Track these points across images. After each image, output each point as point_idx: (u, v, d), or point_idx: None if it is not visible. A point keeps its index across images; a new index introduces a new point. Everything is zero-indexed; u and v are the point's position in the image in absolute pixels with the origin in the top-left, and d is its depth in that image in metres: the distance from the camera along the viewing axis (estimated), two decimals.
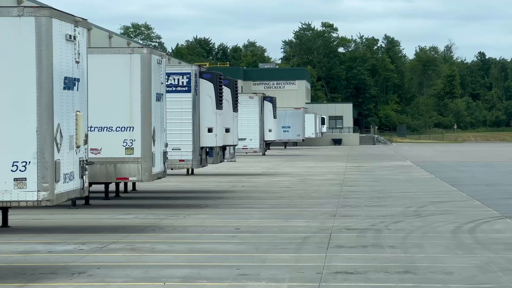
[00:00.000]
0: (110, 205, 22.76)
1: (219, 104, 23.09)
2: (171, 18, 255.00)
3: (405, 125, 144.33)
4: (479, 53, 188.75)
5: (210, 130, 22.82)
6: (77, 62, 13.14)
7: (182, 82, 22.51)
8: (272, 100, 39.61)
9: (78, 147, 13.17)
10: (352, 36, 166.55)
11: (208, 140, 22.81)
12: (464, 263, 13.21)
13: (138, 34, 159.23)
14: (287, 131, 75.18)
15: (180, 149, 22.60)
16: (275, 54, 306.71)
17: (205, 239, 16.19)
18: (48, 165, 12.07)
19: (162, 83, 19.35)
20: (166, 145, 19.92)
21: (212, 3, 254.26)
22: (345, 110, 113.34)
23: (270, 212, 21.19)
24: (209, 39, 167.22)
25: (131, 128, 19.03)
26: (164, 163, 20.07)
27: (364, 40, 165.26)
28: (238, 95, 40.69)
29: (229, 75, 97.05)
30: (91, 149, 18.19)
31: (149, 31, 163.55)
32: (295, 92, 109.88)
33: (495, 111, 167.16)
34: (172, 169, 22.97)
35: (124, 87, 18.89)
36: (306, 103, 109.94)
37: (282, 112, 74.66)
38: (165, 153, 20.01)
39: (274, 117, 39.49)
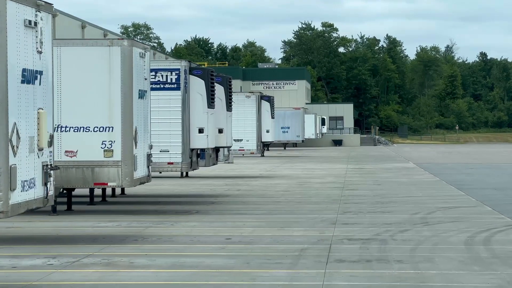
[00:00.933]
0: (94, 211, 21.17)
1: (210, 102, 21.44)
2: (171, 18, 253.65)
3: (406, 126, 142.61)
4: (481, 53, 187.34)
5: (201, 131, 21.16)
6: (39, 52, 11.48)
7: (171, 79, 20.90)
8: (269, 99, 37.92)
9: (40, 150, 11.48)
10: (352, 36, 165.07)
11: (199, 141, 21.15)
12: (483, 282, 11.60)
13: (138, 34, 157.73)
14: (286, 132, 73.47)
15: (168, 151, 20.94)
16: (275, 54, 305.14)
17: (191, 251, 14.59)
18: (1, 171, 10.39)
19: (145, 79, 17.70)
20: (151, 147, 18.24)
21: (212, 4, 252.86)
22: (346, 111, 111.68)
23: (265, 219, 19.58)
24: (208, 39, 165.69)
25: (111, 128, 17.32)
26: (148, 166, 18.41)
27: (365, 40, 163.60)
28: (234, 94, 39.20)
29: (228, 75, 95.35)
30: (65, 151, 16.66)
31: (148, 31, 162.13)
32: (295, 93, 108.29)
33: (497, 112, 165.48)
34: (160, 172, 21.38)
35: (103, 83, 17.21)
36: (306, 103, 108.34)
37: (281, 112, 73.05)
38: (149, 155, 18.32)
39: (272, 117, 37.77)
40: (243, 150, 37.72)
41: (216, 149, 25.33)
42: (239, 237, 16.26)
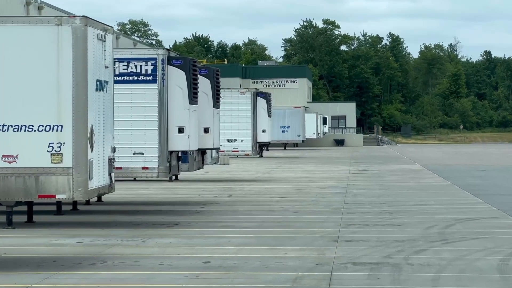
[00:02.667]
0: (59, 223, 18.29)
1: (193, 97, 18.47)
2: (173, 18, 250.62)
3: (410, 125, 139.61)
4: (485, 51, 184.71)
5: (181, 130, 18.19)
6: None
7: (146, 70, 17.99)
8: (266, 96, 34.84)
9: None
10: (355, 34, 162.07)
11: (178, 143, 18.19)
12: None
13: (135, 31, 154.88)
14: (286, 131, 70.36)
15: (143, 154, 17.98)
16: (277, 54, 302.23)
17: (157, 281, 11.70)
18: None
19: (106, 67, 14.74)
20: (113, 150, 15.21)
21: (215, 3, 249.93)
22: (348, 110, 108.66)
23: (254, 234, 16.68)
24: (208, 37, 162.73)
25: (59, 127, 14.21)
26: (110, 174, 15.38)
27: (367, 38, 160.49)
28: (227, 90, 36.30)
29: (227, 73, 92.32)
30: (3, 156, 13.72)
31: (146, 28, 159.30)
32: (295, 91, 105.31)
33: (501, 111, 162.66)
34: (135, 178, 18.48)
35: (50, 71, 14.16)
36: (308, 102, 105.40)
37: (281, 111, 70.06)
38: (110, 160, 15.25)
39: (269, 116, 34.65)
40: (237, 151, 34.74)
41: (202, 152, 22.40)
42: (220, 260, 13.36)
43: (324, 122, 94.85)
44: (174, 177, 33.39)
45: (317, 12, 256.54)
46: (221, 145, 27.69)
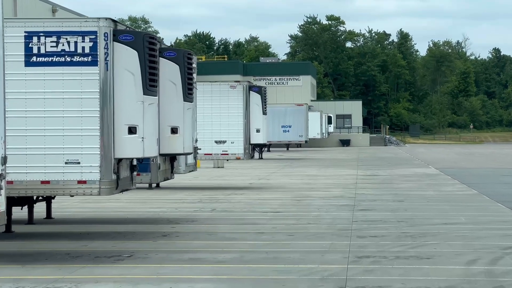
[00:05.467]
0: None
1: (150, 86, 13.59)
2: (180, 17, 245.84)
3: (418, 125, 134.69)
4: (494, 49, 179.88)
5: (132, 130, 13.32)
6: None
7: (83, 48, 13.18)
8: (260, 90, 29.95)
9: None
10: (360, 30, 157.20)
11: (129, 147, 13.31)
12: None
13: (135, 29, 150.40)
14: (288, 131, 65.34)
15: (79, 163, 13.17)
16: (282, 53, 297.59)
17: None
18: None
19: None
20: (3, 160, 10.38)
21: (222, 2, 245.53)
22: (354, 108, 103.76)
23: (228, 276, 12.01)
24: (209, 33, 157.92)
25: None
26: None
27: (373, 34, 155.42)
28: (215, 83, 31.56)
29: (227, 70, 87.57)
30: None
31: (146, 25, 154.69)
32: (299, 89, 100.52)
33: None
34: (72, 196, 13.82)
35: None
36: (312, 100, 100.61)
37: (282, 109, 65.19)
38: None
39: (264, 113, 29.71)
40: (227, 154, 29.96)
41: (171, 158, 17.66)
42: None
43: (329, 122, 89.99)
44: (154, 184, 28.76)
45: (324, 11, 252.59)
46: (200, 148, 23.01)
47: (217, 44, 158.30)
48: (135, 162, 14.62)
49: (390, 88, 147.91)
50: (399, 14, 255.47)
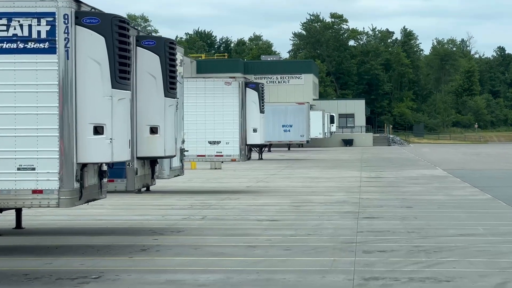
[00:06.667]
0: None
1: (119, 78, 11.55)
2: (183, 16, 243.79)
3: (422, 124, 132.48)
4: (498, 47, 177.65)
5: (99, 130, 11.24)
6: None
7: (39, 32, 11.04)
8: (257, 87, 27.76)
9: None
10: (363, 29, 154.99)
11: (94, 150, 11.23)
12: None
13: (134, 26, 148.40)
14: (288, 130, 63.15)
15: (34, 169, 11.06)
16: (285, 52, 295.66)
17: None
18: None
19: None
20: None
21: (226, 2, 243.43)
22: (357, 107, 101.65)
23: None
24: (211, 32, 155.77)
25: None
26: None
27: (376, 32, 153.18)
28: (209, 79, 29.42)
29: (228, 68, 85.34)
30: None
31: (146, 24, 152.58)
32: (301, 87, 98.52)
33: None
34: (26, 207, 11.79)
35: None
36: (314, 99, 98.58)
37: (282, 107, 63.08)
38: None
39: (261, 112, 27.49)
40: (221, 155, 27.85)
41: (152, 161, 15.56)
42: None
43: (332, 121, 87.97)
44: (145, 188, 26.77)
45: (327, 10, 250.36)
46: (187, 150, 20.97)
47: (218, 43, 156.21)
48: (105, 168, 12.57)
49: (394, 87, 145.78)
50: (403, 13, 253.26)
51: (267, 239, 15.54)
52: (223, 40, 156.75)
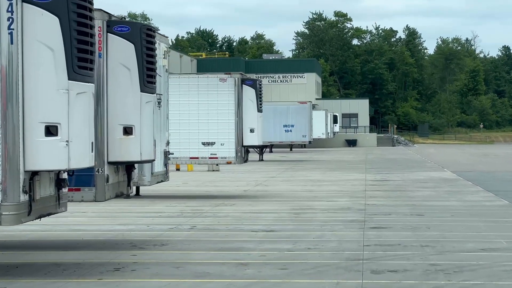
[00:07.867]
0: None
1: (79, 68, 9.47)
2: (187, 16, 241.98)
3: (427, 124, 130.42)
4: (504, 47, 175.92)
5: (52, 131, 9.26)
6: None
7: None
8: (255, 84, 25.67)
9: None
10: (367, 27, 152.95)
11: (48, 155, 9.14)
12: None
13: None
14: (290, 130, 61.12)
15: None
16: (287, 50, 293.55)
17: None
18: None
19: None
20: None
21: (230, 2, 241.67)
22: (361, 107, 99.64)
23: None
24: (212, 31, 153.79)
25: None
26: None
27: (380, 31, 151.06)
28: (202, 76, 27.39)
29: (229, 67, 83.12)
30: None
31: (146, 22, 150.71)
32: (303, 87, 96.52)
33: None
34: None
35: None
36: (317, 98, 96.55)
37: (284, 107, 61.08)
38: None
39: (259, 111, 25.43)
40: (216, 157, 25.87)
41: (128, 166, 13.59)
42: None
43: (335, 121, 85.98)
44: (134, 192, 24.85)
45: (330, 10, 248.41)
46: (172, 153, 19.01)
47: (220, 42, 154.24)
48: (64, 176, 10.58)
49: (398, 87, 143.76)
50: (407, 13, 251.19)
51: (261, 255, 13.59)
52: (225, 39, 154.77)
